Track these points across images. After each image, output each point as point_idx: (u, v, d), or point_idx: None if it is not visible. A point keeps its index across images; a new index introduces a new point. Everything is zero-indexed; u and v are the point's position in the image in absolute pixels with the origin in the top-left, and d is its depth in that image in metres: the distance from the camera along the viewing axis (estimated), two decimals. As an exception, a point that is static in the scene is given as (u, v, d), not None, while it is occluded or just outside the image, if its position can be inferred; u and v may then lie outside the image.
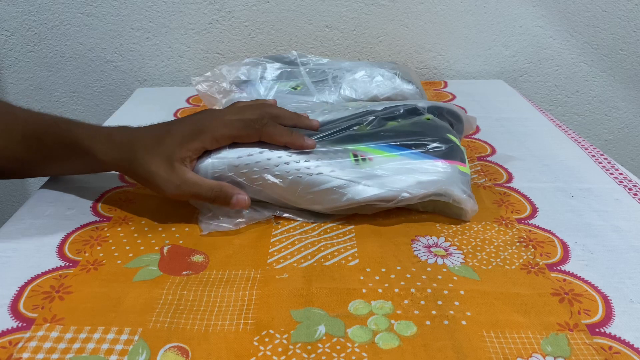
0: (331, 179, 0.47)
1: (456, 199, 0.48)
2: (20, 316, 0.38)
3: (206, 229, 0.48)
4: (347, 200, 0.47)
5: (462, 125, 0.57)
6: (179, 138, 0.47)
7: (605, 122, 1.09)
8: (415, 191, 0.47)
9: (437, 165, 0.49)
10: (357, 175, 0.48)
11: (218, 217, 0.49)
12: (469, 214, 0.49)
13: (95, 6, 0.95)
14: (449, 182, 0.48)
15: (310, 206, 0.49)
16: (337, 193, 0.47)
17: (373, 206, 0.49)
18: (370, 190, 0.47)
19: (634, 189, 0.55)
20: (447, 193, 0.47)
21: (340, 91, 0.72)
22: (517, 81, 1.04)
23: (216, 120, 0.48)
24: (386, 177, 0.48)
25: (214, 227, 0.48)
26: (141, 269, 0.43)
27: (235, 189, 0.48)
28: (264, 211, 0.50)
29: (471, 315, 0.38)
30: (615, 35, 1.00)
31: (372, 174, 0.48)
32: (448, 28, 0.99)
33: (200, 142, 0.47)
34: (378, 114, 0.54)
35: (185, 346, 0.35)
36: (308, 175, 0.47)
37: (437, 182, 0.48)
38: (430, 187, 0.47)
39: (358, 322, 0.37)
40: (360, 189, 0.47)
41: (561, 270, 0.43)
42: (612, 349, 0.35)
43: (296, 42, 0.99)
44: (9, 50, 0.97)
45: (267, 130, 0.48)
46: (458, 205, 0.48)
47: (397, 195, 0.47)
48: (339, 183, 0.47)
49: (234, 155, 0.48)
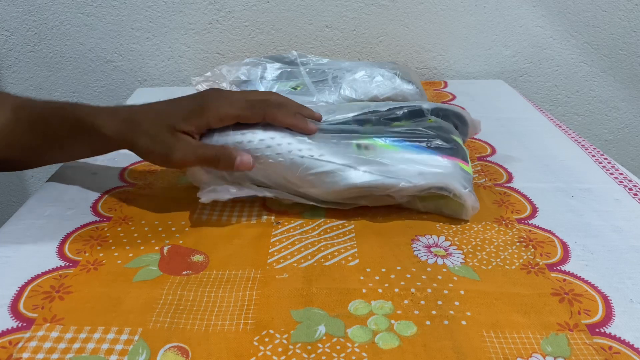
0: (331, 163, 0.48)
1: (457, 194, 0.47)
2: (20, 316, 0.38)
3: (206, 198, 0.48)
4: (346, 184, 0.47)
5: (467, 128, 0.57)
6: (184, 112, 0.48)
7: (605, 122, 1.09)
8: (415, 180, 0.47)
9: (438, 160, 0.49)
10: (358, 161, 0.48)
11: (217, 191, 0.49)
12: (470, 212, 0.49)
13: (95, 6, 0.95)
14: (450, 176, 0.48)
15: (310, 189, 0.49)
16: (337, 176, 0.47)
17: (373, 196, 0.49)
18: (369, 176, 0.47)
19: (634, 189, 0.55)
20: (447, 187, 0.47)
21: (340, 91, 0.72)
22: (517, 81, 1.04)
23: (222, 99, 0.49)
24: (387, 165, 0.48)
25: (214, 196, 0.48)
26: (141, 269, 0.43)
27: (238, 151, 0.48)
28: (264, 191, 0.50)
29: (471, 315, 0.38)
30: (615, 35, 1.00)
31: (373, 161, 0.48)
32: (448, 28, 0.99)
33: (205, 119, 0.48)
34: (382, 114, 0.54)
35: (185, 346, 0.35)
36: (309, 157, 0.48)
37: (438, 175, 0.48)
38: (431, 179, 0.47)
39: (358, 322, 0.37)
40: (359, 174, 0.47)
41: (561, 270, 0.43)
42: (612, 349, 0.35)
43: (296, 42, 0.99)
44: (9, 50, 0.97)
45: (272, 111, 0.49)
46: (458, 201, 0.48)
47: (397, 184, 0.47)
48: (338, 167, 0.48)
49: (238, 132, 0.48)
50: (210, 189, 0.49)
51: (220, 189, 0.49)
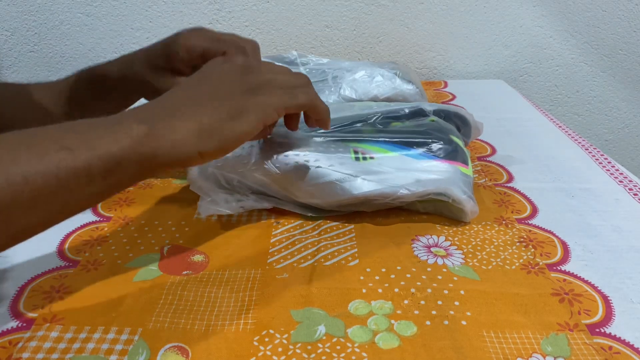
0: (330, 173, 0.48)
1: (456, 199, 0.47)
2: (20, 316, 0.38)
3: (205, 212, 0.48)
4: (345, 194, 0.47)
5: (469, 129, 0.57)
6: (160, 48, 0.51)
7: (605, 122, 1.09)
8: (414, 188, 0.47)
9: (437, 166, 0.49)
10: (356, 170, 0.48)
11: (217, 202, 0.49)
12: (469, 216, 0.49)
13: (95, 6, 0.95)
14: (449, 181, 0.48)
15: (310, 200, 0.49)
16: (336, 187, 0.47)
17: (372, 203, 0.49)
18: (368, 185, 0.47)
19: (634, 189, 0.55)
20: (446, 192, 0.47)
21: (340, 91, 0.72)
22: (517, 81, 1.04)
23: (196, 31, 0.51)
24: (385, 173, 0.48)
25: (213, 210, 0.48)
26: (141, 269, 0.43)
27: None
28: (263, 202, 0.50)
29: (471, 315, 0.38)
30: (615, 35, 1.00)
31: (371, 169, 0.48)
32: (448, 28, 0.99)
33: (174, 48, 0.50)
34: (383, 114, 0.54)
35: (185, 346, 0.35)
36: (306, 167, 0.48)
37: (437, 181, 0.48)
38: (430, 186, 0.47)
39: (358, 322, 0.37)
40: (358, 184, 0.47)
41: (561, 270, 0.43)
42: (612, 349, 0.35)
43: (296, 42, 0.99)
44: (9, 50, 0.97)
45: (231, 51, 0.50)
46: (458, 206, 0.48)
47: (396, 192, 0.47)
48: (337, 177, 0.47)
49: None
50: (209, 200, 0.49)
51: (221, 201, 0.49)
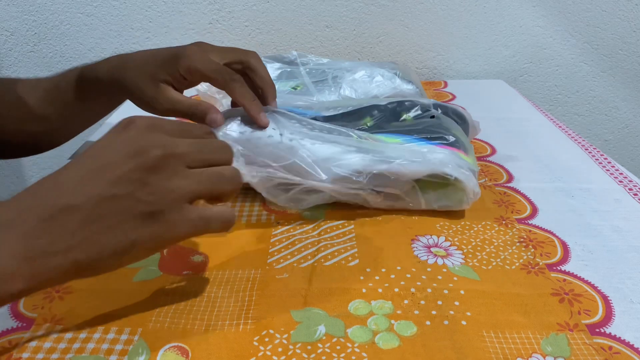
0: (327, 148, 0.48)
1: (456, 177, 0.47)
2: (20, 316, 0.38)
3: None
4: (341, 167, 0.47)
5: (467, 127, 0.57)
6: (163, 59, 0.49)
7: (605, 122, 1.09)
8: (410, 158, 0.47)
9: (438, 150, 0.49)
10: (355, 145, 0.48)
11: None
12: (471, 196, 0.48)
13: (95, 6, 0.95)
14: (447, 160, 0.48)
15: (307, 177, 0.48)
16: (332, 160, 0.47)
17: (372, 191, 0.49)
18: (365, 157, 0.48)
19: (634, 189, 0.55)
20: (445, 171, 0.47)
21: (340, 91, 0.72)
22: (517, 81, 1.04)
23: (199, 54, 0.49)
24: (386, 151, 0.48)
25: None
26: (141, 269, 0.43)
27: (212, 109, 0.48)
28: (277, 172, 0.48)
29: (471, 315, 0.38)
30: (615, 35, 1.00)
31: (371, 149, 0.48)
32: (448, 28, 0.99)
33: (177, 68, 0.49)
34: (382, 108, 0.54)
35: (185, 346, 0.35)
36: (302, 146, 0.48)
37: (437, 160, 0.48)
38: (429, 163, 0.47)
39: (358, 322, 0.37)
40: (356, 157, 0.48)
41: (561, 270, 0.43)
42: (612, 349, 0.35)
43: (296, 42, 0.99)
44: (9, 50, 0.97)
45: (234, 85, 0.49)
46: (459, 186, 0.48)
47: (393, 161, 0.47)
48: (334, 150, 0.48)
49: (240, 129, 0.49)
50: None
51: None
